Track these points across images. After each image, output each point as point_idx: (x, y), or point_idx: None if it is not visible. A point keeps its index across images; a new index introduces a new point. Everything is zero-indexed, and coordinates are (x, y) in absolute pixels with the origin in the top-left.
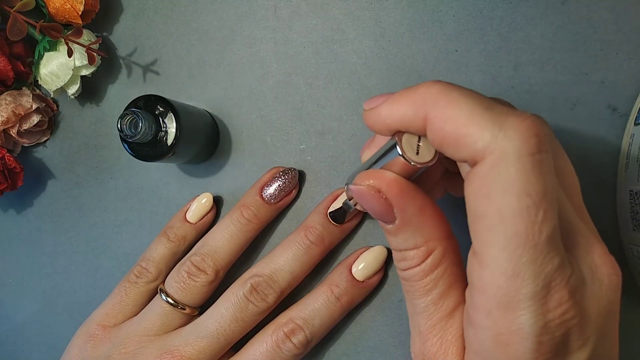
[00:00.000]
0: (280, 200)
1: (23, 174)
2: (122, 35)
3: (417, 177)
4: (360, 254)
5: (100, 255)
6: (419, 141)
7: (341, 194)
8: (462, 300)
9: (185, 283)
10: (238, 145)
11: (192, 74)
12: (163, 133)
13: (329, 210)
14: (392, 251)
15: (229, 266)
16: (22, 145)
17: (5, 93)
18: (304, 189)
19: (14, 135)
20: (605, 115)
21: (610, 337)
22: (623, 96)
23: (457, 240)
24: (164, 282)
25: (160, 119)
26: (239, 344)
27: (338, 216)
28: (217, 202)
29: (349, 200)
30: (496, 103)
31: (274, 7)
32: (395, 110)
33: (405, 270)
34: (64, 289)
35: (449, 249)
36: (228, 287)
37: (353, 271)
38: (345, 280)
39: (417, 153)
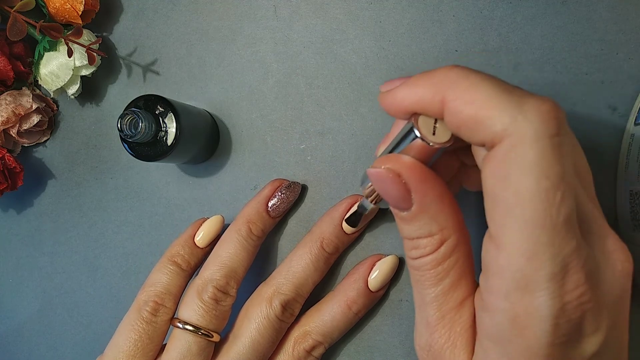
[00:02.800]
0: (284, 213)
1: (23, 174)
2: (122, 35)
3: (433, 169)
4: (374, 263)
5: (100, 255)
6: (435, 123)
7: (355, 202)
8: (471, 292)
9: (216, 310)
10: (238, 145)
11: (192, 74)
12: (163, 133)
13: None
14: (404, 240)
15: None
16: (22, 145)
17: (5, 93)
18: (304, 189)
19: (14, 135)
20: (605, 115)
21: (621, 325)
22: (623, 96)
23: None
24: (176, 314)
25: (160, 119)
26: None
27: (354, 221)
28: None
29: (368, 197)
30: (514, 87)
31: (274, 7)
32: (412, 93)
33: (416, 259)
34: (64, 289)
35: (462, 240)
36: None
37: (369, 282)
38: (363, 295)
39: (434, 135)
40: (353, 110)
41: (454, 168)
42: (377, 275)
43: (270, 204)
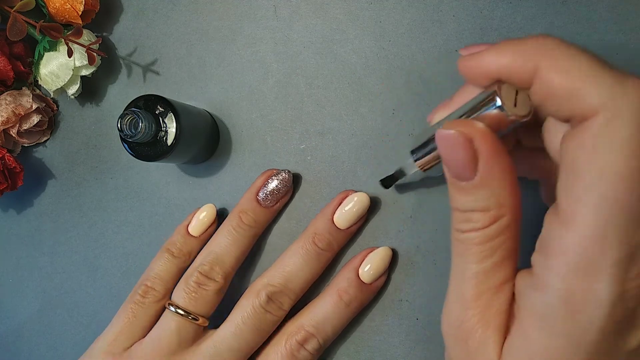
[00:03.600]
0: (276, 203)
1: (23, 174)
2: (122, 35)
3: None
4: (366, 255)
5: (100, 255)
6: (516, 95)
7: (346, 197)
8: (512, 277)
9: (197, 293)
10: (238, 145)
11: (192, 74)
12: (163, 133)
13: (380, 179)
14: (454, 211)
15: (234, 271)
16: (22, 145)
17: (5, 93)
18: (303, 189)
19: (14, 135)
20: None
21: None
22: None
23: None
24: (169, 298)
25: (160, 119)
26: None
27: (387, 183)
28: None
29: (421, 164)
30: (612, 65)
31: (274, 7)
32: (501, 58)
33: (465, 232)
34: (64, 288)
35: (514, 221)
36: (232, 291)
37: (360, 274)
38: (354, 285)
39: (514, 106)
40: (353, 110)
41: (508, 146)
42: (369, 266)
43: (260, 194)
